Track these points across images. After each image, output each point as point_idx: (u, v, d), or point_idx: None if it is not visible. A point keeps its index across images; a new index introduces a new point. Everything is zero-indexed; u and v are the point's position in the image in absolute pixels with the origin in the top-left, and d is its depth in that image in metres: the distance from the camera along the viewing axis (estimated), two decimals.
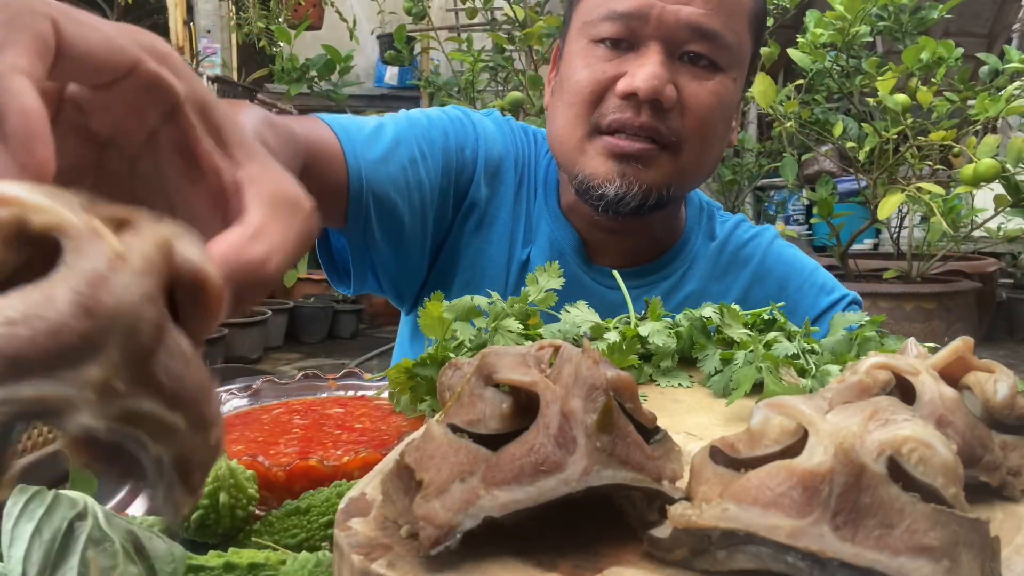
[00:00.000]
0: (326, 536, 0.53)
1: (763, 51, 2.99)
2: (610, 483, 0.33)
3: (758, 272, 1.08)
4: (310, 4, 5.01)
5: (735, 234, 1.10)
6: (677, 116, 0.89)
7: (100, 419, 0.23)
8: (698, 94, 0.90)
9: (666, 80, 0.87)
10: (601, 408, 0.35)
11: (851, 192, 3.80)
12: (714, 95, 0.91)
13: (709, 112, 0.91)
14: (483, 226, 1.05)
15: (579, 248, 1.04)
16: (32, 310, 0.21)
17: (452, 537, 0.32)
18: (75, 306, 0.22)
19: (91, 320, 0.22)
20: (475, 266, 1.05)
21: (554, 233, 1.05)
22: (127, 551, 0.39)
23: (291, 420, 0.74)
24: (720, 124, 0.94)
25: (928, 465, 0.31)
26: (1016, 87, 2.42)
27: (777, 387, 0.56)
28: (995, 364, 0.43)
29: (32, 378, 0.21)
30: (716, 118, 0.92)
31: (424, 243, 1.02)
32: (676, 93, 0.88)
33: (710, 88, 0.90)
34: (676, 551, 0.32)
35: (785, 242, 1.14)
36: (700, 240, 1.09)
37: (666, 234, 1.07)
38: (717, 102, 0.91)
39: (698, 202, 1.14)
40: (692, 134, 0.91)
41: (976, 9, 5.02)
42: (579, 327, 0.68)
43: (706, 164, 0.97)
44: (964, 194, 2.56)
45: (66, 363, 0.22)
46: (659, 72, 0.86)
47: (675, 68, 0.89)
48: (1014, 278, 5.40)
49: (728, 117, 0.96)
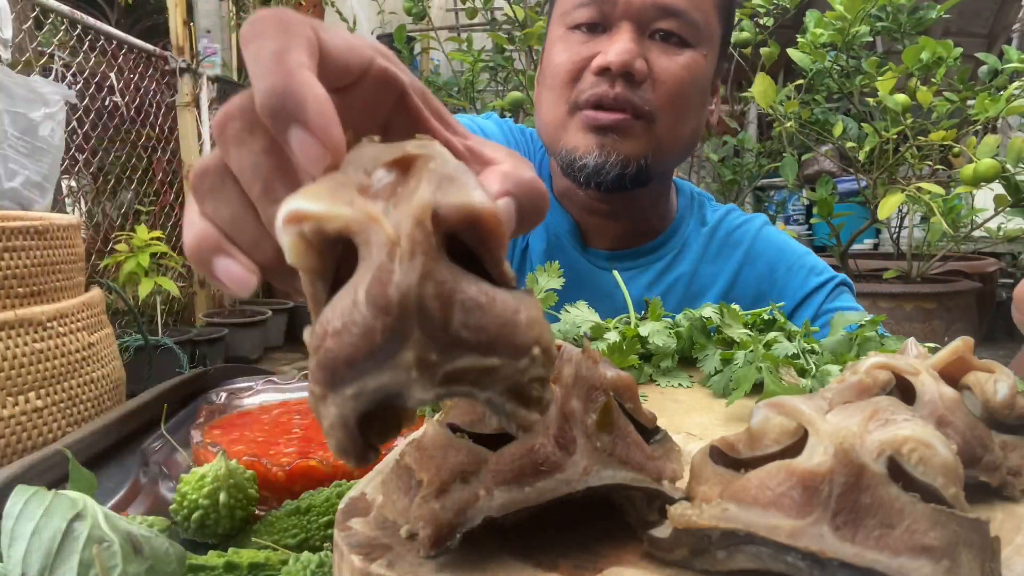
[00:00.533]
0: (326, 536, 0.53)
1: (763, 51, 2.99)
2: (610, 483, 0.33)
3: (749, 253, 1.11)
4: (310, 4, 5.01)
5: (727, 220, 1.14)
6: (649, 88, 0.94)
7: (430, 389, 0.26)
8: (668, 67, 0.95)
9: (636, 54, 0.92)
10: (601, 408, 0.35)
11: (851, 192, 3.80)
12: (684, 68, 0.95)
13: (679, 84, 0.95)
14: None
15: (574, 232, 1.09)
16: (346, 318, 0.26)
17: (452, 537, 0.32)
18: (372, 307, 0.25)
19: (387, 316, 0.25)
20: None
21: (549, 219, 1.08)
22: (126, 551, 0.39)
23: (291, 420, 0.74)
24: (693, 97, 0.98)
25: (928, 465, 0.31)
26: (1016, 87, 2.42)
27: (777, 387, 0.56)
28: (995, 364, 0.43)
29: (368, 373, 0.26)
30: (687, 91, 0.96)
31: None
32: (647, 67, 0.94)
33: (680, 62, 0.95)
34: (676, 551, 0.32)
35: (776, 228, 1.17)
36: (692, 226, 1.13)
37: (657, 218, 1.11)
38: (687, 75, 0.96)
39: (689, 192, 1.18)
40: (664, 105, 0.95)
41: (976, 9, 5.02)
42: (579, 327, 0.68)
43: (682, 138, 1.00)
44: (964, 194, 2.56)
45: (385, 355, 0.26)
46: (629, 47, 0.92)
47: (646, 45, 0.95)
48: (1014, 278, 5.40)
49: (701, 92, 1.00)
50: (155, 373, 2.87)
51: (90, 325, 0.72)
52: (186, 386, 0.93)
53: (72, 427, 0.68)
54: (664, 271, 1.09)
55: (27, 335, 0.64)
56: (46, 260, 0.63)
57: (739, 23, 3.43)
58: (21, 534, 0.38)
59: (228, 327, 4.28)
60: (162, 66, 4.04)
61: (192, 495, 0.54)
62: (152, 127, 4.01)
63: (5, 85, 2.48)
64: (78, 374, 0.70)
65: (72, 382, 0.70)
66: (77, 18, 3.23)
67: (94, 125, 3.56)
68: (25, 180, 2.53)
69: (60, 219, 0.67)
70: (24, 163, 2.53)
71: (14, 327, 0.64)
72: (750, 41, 3.19)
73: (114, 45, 3.59)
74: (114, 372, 0.79)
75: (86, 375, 0.72)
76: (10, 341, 0.63)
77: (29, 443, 0.66)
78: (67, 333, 0.68)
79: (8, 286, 0.64)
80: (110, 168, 3.83)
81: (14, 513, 0.39)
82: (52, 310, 0.68)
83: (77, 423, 0.70)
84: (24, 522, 0.39)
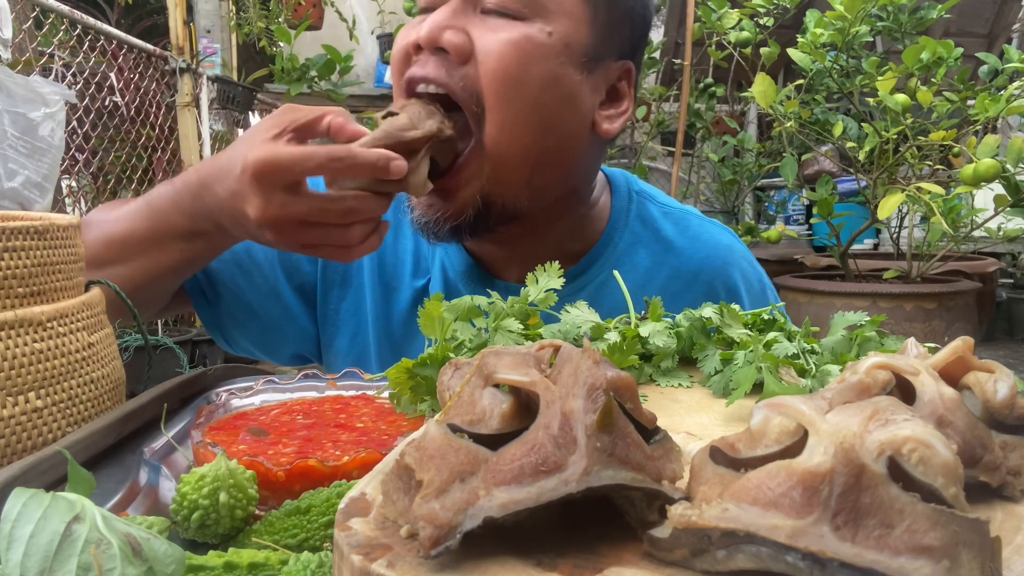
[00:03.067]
0: (326, 536, 0.53)
1: (763, 51, 3.00)
2: (610, 483, 0.33)
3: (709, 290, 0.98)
4: (310, 4, 5.00)
5: (692, 252, 0.99)
6: (473, 67, 0.80)
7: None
8: (490, 41, 0.79)
9: (446, 26, 0.79)
10: (601, 408, 0.35)
11: (851, 192, 3.80)
12: (510, 43, 0.79)
13: (503, 61, 0.79)
14: (347, 284, 1.03)
15: (470, 270, 0.97)
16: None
17: (452, 537, 0.32)
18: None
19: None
20: (356, 317, 1.02)
21: (445, 260, 0.99)
22: (125, 553, 0.39)
23: (291, 420, 0.74)
24: (530, 80, 0.80)
25: (928, 465, 0.31)
26: (1016, 87, 2.42)
27: (777, 387, 0.56)
28: (995, 364, 0.43)
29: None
30: (517, 70, 0.79)
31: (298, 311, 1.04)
32: (467, 40, 0.80)
33: (505, 36, 0.79)
34: (676, 551, 0.32)
35: (748, 259, 1.03)
36: (627, 236, 0.98)
37: (570, 240, 0.96)
38: (515, 51, 0.79)
39: (627, 190, 1.02)
40: (490, 89, 0.79)
41: (976, 9, 5.02)
42: (579, 327, 0.68)
43: (529, 146, 0.82)
44: (964, 194, 2.56)
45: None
46: (440, 19, 0.80)
47: (471, 20, 0.81)
48: (1014, 278, 5.41)
49: (550, 79, 0.81)
50: (155, 373, 2.86)
51: (90, 325, 0.72)
52: (186, 386, 0.93)
53: (72, 427, 0.68)
54: (593, 298, 0.87)
55: (27, 335, 0.64)
56: (46, 260, 0.62)
57: (739, 23, 3.43)
58: (19, 537, 0.38)
59: None
60: (162, 66, 4.04)
61: (192, 495, 0.54)
62: (152, 127, 4.01)
63: (5, 85, 2.49)
64: (78, 374, 0.70)
65: (72, 382, 0.70)
66: (77, 18, 3.23)
67: (94, 125, 3.56)
68: (25, 180, 2.53)
69: (60, 219, 0.67)
70: (24, 163, 2.53)
71: (14, 327, 0.63)
72: (750, 41, 3.19)
73: (114, 45, 3.59)
74: (114, 372, 0.79)
75: (86, 375, 0.72)
76: (10, 341, 0.63)
77: (29, 443, 0.66)
78: (67, 333, 0.68)
79: (8, 286, 0.64)
80: (110, 168, 3.83)
81: (12, 516, 0.39)
82: (52, 310, 0.67)
83: (77, 423, 0.70)
84: (22, 525, 0.39)
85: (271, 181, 0.71)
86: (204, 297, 1.00)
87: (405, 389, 0.67)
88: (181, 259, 0.84)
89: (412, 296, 1.00)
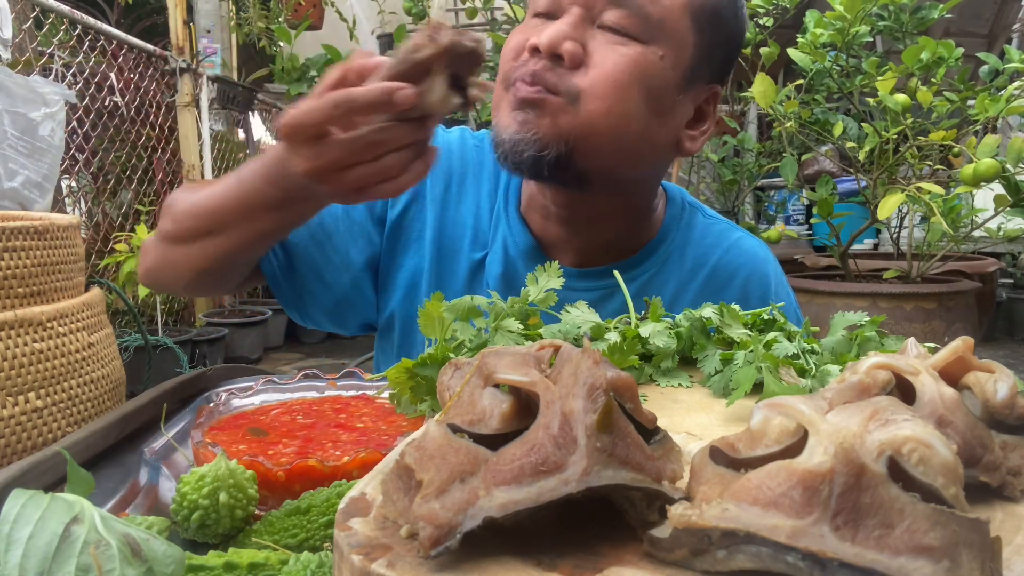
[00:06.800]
0: (326, 536, 0.53)
1: (763, 51, 2.99)
2: (610, 483, 0.33)
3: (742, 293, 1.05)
4: (310, 4, 5.01)
5: (727, 257, 1.06)
6: (582, 74, 0.87)
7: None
8: (607, 54, 0.87)
9: (567, 36, 0.86)
10: (601, 408, 0.35)
11: (851, 192, 3.80)
12: (626, 58, 0.87)
13: (616, 71, 0.87)
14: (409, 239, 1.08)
15: (531, 250, 1.03)
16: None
17: (452, 537, 0.32)
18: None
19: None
20: (411, 280, 1.07)
21: (508, 239, 1.04)
22: (124, 553, 0.39)
23: (291, 420, 0.74)
24: (635, 93, 0.88)
25: (928, 465, 0.31)
26: (1016, 87, 2.42)
27: (777, 387, 0.56)
28: (995, 364, 0.43)
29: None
30: (627, 82, 0.87)
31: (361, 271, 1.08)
32: (583, 52, 0.87)
33: (622, 51, 0.87)
34: (676, 551, 0.32)
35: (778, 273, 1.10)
36: (677, 240, 1.06)
37: (628, 234, 1.04)
38: (629, 66, 0.87)
39: (680, 201, 1.10)
40: (595, 89, 0.87)
41: (976, 9, 5.02)
42: (579, 327, 0.68)
43: (620, 135, 0.89)
44: (964, 194, 2.56)
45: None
46: (562, 29, 0.87)
47: (589, 32, 0.88)
48: (1014, 278, 5.41)
49: (653, 94, 0.90)
50: (155, 373, 2.87)
51: (90, 325, 0.72)
52: (186, 386, 0.93)
53: (72, 427, 0.68)
54: (640, 292, 0.99)
55: (27, 335, 0.64)
56: (46, 260, 0.63)
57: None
58: (18, 538, 0.38)
59: (228, 327, 4.29)
60: (162, 66, 4.04)
61: (192, 495, 0.54)
62: (152, 127, 4.01)
63: (5, 85, 2.48)
64: (78, 374, 0.70)
65: (72, 382, 0.70)
66: (77, 18, 3.23)
67: (94, 125, 3.56)
68: (25, 180, 2.53)
69: (60, 219, 0.67)
70: (24, 163, 2.53)
71: (14, 327, 0.63)
72: (750, 41, 3.19)
73: (114, 45, 3.59)
74: (114, 372, 0.79)
75: (86, 375, 0.72)
76: (10, 341, 0.63)
77: (29, 443, 0.66)
78: (67, 333, 0.68)
79: (8, 286, 0.64)
80: (110, 168, 3.83)
81: (11, 517, 0.39)
82: (52, 310, 0.67)
83: (77, 423, 0.70)
84: (21, 526, 0.39)
85: (294, 139, 0.75)
86: (280, 272, 1.04)
87: (405, 389, 0.67)
88: (272, 227, 0.87)
89: (469, 267, 1.06)
